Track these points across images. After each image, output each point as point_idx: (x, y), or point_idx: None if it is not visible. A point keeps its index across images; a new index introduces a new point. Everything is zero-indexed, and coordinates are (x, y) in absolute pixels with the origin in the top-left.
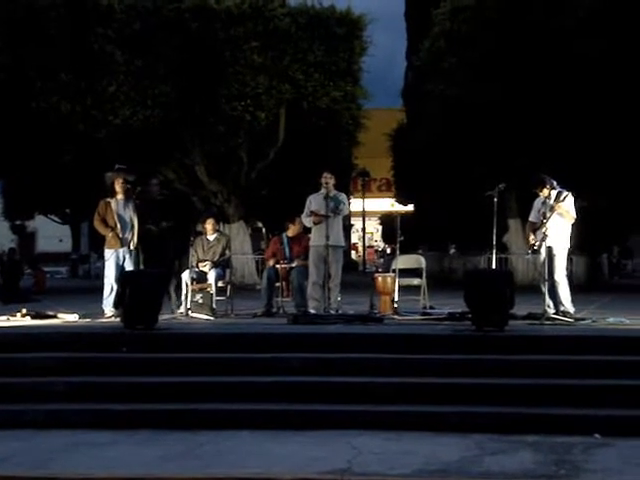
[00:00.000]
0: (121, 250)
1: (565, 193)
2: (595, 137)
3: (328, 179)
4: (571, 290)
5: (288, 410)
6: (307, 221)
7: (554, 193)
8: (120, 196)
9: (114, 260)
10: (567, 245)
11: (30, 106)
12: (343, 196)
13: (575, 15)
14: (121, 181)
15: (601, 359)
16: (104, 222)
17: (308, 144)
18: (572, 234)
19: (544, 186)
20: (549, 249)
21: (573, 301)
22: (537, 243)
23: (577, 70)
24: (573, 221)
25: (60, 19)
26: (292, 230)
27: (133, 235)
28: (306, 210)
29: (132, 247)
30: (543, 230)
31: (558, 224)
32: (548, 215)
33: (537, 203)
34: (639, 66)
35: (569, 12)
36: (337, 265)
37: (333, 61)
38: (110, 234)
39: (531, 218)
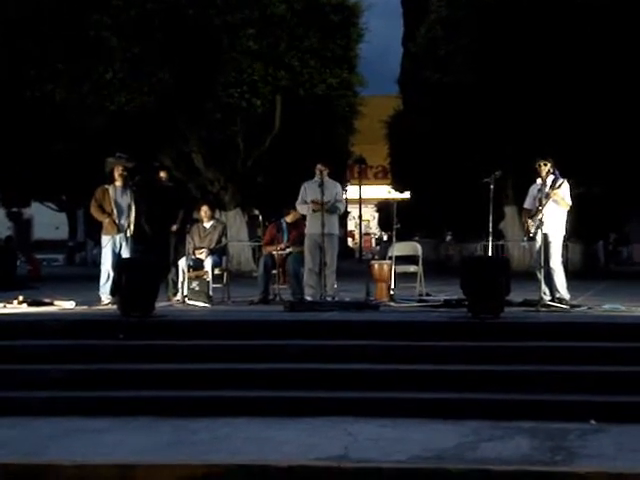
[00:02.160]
0: (117, 237)
1: (561, 180)
2: (592, 125)
3: (322, 170)
4: (567, 277)
5: (284, 397)
6: (302, 209)
7: (550, 180)
8: (118, 183)
9: (111, 247)
10: (563, 232)
11: (24, 94)
12: (338, 186)
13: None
14: (121, 169)
15: (597, 345)
16: (101, 208)
17: (304, 131)
18: (568, 221)
19: (546, 162)
20: (545, 236)
21: (569, 288)
22: (533, 230)
23: (574, 58)
24: (568, 208)
25: (54, 6)
26: (292, 216)
27: (130, 222)
28: (300, 198)
29: (129, 234)
30: (539, 217)
31: (554, 211)
32: (544, 202)
33: (532, 190)
34: (635, 53)
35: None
36: (332, 252)
37: (329, 48)
38: (107, 220)
39: (526, 205)
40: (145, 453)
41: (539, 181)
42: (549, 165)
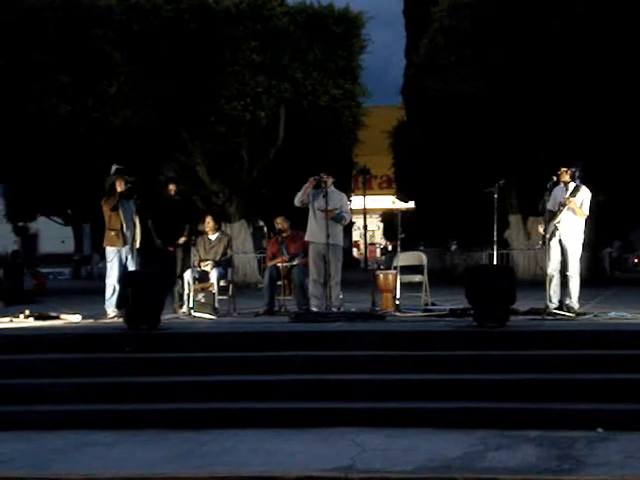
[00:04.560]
0: (123, 250)
1: (582, 188)
2: (596, 133)
3: (326, 179)
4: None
5: (291, 408)
6: (297, 199)
7: (571, 186)
8: (121, 196)
9: (117, 260)
10: (580, 240)
11: (29, 108)
12: (344, 198)
13: (572, 11)
14: (123, 182)
15: (603, 353)
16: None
17: (308, 142)
18: (586, 229)
19: (569, 168)
20: (561, 243)
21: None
22: (547, 235)
23: (578, 66)
24: (585, 217)
25: (57, 20)
26: (280, 224)
27: (135, 235)
28: (301, 191)
29: (135, 247)
30: (555, 222)
31: (570, 219)
32: (561, 208)
33: (558, 192)
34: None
35: (567, 8)
36: (337, 263)
37: (332, 59)
38: (113, 232)
39: (549, 206)
40: (153, 466)
41: (562, 185)
42: (570, 172)
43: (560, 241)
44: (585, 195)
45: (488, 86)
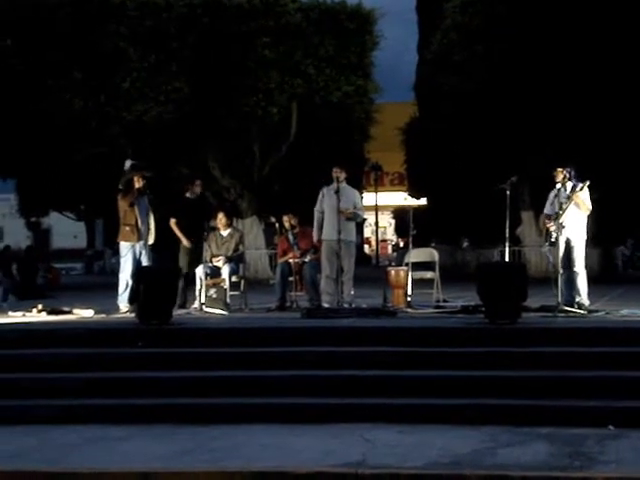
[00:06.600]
0: (138, 245)
1: (581, 184)
2: (609, 129)
3: (338, 173)
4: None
5: (302, 404)
6: (317, 217)
7: (569, 185)
8: (138, 192)
9: (131, 256)
10: (584, 236)
11: (42, 104)
12: (357, 195)
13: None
14: (140, 178)
15: (615, 351)
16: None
17: (320, 138)
18: (588, 225)
19: (564, 169)
20: (567, 240)
21: (588, 293)
22: (554, 234)
23: (590, 61)
24: (589, 212)
25: (69, 17)
26: (287, 222)
27: (149, 231)
28: (318, 204)
29: (149, 242)
30: (560, 221)
31: (575, 215)
32: (564, 206)
33: (551, 195)
34: None
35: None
36: (349, 259)
37: (344, 55)
38: (128, 227)
39: (546, 210)
40: (164, 460)
41: (558, 186)
42: (565, 171)
43: (566, 238)
44: (585, 190)
45: (501, 82)
